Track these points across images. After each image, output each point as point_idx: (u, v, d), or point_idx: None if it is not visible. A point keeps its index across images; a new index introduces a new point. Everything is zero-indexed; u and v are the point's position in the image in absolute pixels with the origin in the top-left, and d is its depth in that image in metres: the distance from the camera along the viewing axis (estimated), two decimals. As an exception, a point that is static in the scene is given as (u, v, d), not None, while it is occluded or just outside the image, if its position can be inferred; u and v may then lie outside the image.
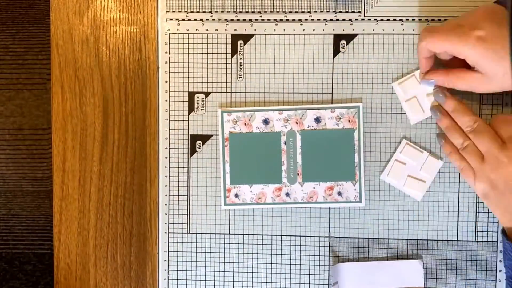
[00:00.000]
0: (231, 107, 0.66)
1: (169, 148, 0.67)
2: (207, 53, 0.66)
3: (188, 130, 0.67)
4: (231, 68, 0.66)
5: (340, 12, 0.65)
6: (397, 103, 0.64)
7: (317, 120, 0.64)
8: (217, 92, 0.67)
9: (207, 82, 0.67)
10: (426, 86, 0.62)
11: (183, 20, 0.67)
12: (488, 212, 0.64)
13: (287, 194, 0.65)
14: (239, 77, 0.66)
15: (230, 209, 0.67)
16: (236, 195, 0.66)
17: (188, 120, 0.67)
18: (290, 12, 0.65)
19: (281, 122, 0.65)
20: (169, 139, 0.67)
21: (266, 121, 0.65)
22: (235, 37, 0.66)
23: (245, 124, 0.65)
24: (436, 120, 0.63)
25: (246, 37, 0.66)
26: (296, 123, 0.64)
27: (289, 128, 0.64)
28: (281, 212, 0.66)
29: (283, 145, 0.65)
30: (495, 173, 0.57)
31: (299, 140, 0.65)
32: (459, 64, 0.59)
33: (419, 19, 0.64)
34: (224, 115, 0.65)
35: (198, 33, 0.66)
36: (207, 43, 0.66)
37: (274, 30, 0.66)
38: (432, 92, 0.63)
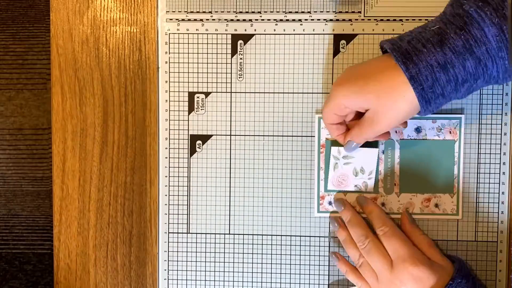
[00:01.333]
0: (231, 107, 0.66)
1: (169, 148, 0.67)
2: (207, 53, 0.66)
3: (188, 130, 0.67)
4: (231, 68, 0.66)
5: (340, 12, 0.65)
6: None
7: (418, 130, 0.64)
8: (217, 92, 0.67)
9: (207, 82, 0.67)
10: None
11: (183, 20, 0.67)
12: (488, 212, 0.64)
13: (383, 204, 0.65)
14: (239, 77, 0.66)
15: (230, 209, 0.67)
16: (330, 203, 0.66)
17: (188, 120, 0.67)
18: (290, 12, 0.66)
19: None
20: (169, 139, 0.67)
21: None
22: (235, 37, 0.66)
23: None
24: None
25: (246, 37, 0.66)
26: (396, 132, 0.64)
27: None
28: (281, 212, 0.66)
29: (381, 154, 0.65)
30: None
31: (398, 150, 0.64)
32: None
33: (419, 19, 0.64)
34: (321, 121, 0.65)
35: (198, 33, 0.66)
36: (207, 43, 0.66)
37: (274, 30, 0.66)
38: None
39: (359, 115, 0.59)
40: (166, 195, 0.67)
